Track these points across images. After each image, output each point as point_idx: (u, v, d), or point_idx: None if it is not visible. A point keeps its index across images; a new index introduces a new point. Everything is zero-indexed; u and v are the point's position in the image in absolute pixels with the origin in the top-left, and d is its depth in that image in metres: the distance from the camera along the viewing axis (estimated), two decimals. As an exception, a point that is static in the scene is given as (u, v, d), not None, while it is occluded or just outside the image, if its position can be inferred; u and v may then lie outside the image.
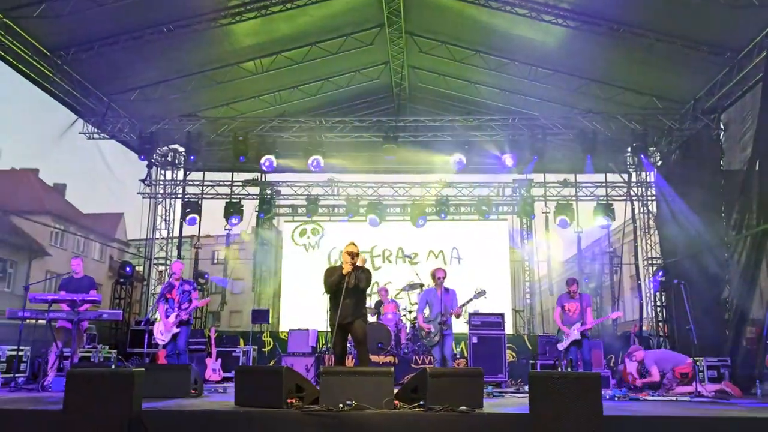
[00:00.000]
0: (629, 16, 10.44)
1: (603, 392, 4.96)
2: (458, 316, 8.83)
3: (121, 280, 14.45)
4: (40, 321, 8.44)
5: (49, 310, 7.99)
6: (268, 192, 16.83)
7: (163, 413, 5.14)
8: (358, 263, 7.11)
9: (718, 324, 11.28)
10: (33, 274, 25.77)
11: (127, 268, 14.44)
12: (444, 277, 8.85)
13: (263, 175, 16.39)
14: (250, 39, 12.07)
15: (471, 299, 9.03)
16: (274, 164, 13.72)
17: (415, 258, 15.75)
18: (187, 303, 8.97)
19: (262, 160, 13.58)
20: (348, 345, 7.78)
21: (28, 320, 8.13)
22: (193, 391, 6.89)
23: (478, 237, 16.42)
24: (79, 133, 13.22)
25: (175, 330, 8.88)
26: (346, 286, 6.86)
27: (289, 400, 5.26)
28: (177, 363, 8.64)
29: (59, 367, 8.54)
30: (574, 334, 9.02)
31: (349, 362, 9.52)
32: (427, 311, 8.98)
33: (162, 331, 8.93)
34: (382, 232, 16.18)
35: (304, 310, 14.67)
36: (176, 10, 10.77)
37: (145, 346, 10.62)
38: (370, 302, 11.79)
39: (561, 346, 9.27)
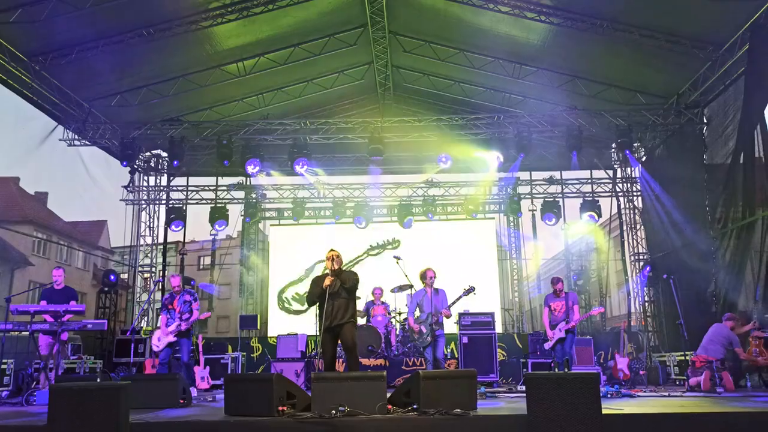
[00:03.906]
0: (612, 11, 10.47)
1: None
2: (448, 316, 8.77)
3: (106, 288, 14.23)
4: (23, 333, 8.26)
5: (31, 321, 7.82)
6: (254, 196, 16.67)
7: (152, 425, 5.01)
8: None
9: (706, 318, 11.33)
10: (15, 284, 25.34)
11: (112, 277, 14.22)
12: (434, 278, 8.77)
13: (248, 178, 16.22)
14: (231, 41, 11.94)
15: (460, 296, 8.97)
16: (259, 168, 13.59)
17: (404, 259, 15.61)
18: (188, 313, 8.99)
19: (247, 164, 13.46)
20: (338, 348, 7.68)
21: (10, 332, 7.94)
22: (181, 401, 6.77)
23: (466, 236, 16.34)
24: (60, 140, 13.02)
25: (172, 339, 8.87)
26: (333, 289, 6.80)
27: (280, 408, 5.16)
28: (170, 372, 8.68)
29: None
30: (559, 333, 9.02)
31: (339, 366, 9.42)
32: (417, 312, 8.91)
33: (159, 337, 8.94)
34: (369, 233, 16.06)
35: (292, 314, 14.56)
36: (156, 13, 10.61)
37: (132, 355, 10.43)
38: (359, 305, 11.68)
39: (547, 346, 9.36)
